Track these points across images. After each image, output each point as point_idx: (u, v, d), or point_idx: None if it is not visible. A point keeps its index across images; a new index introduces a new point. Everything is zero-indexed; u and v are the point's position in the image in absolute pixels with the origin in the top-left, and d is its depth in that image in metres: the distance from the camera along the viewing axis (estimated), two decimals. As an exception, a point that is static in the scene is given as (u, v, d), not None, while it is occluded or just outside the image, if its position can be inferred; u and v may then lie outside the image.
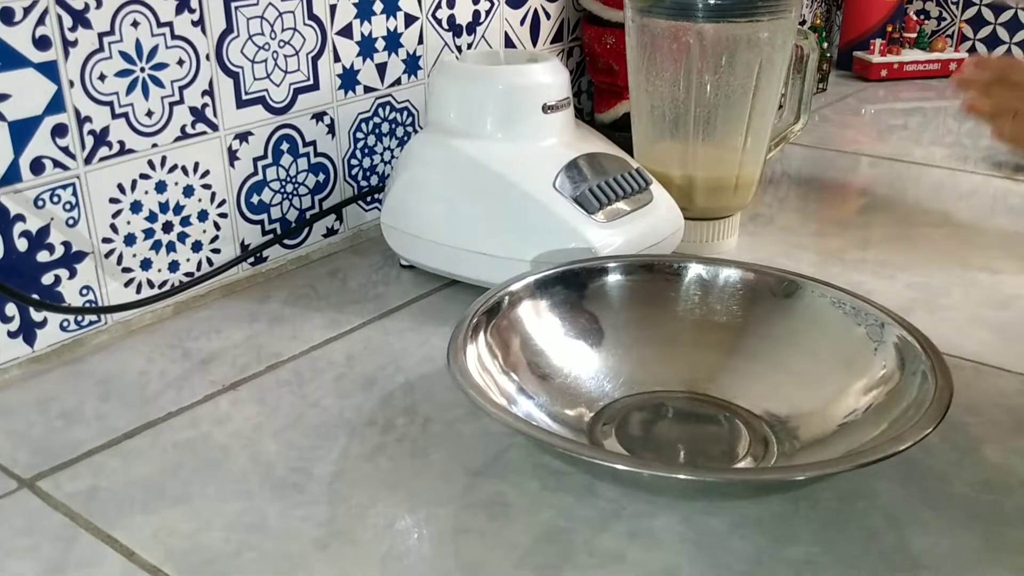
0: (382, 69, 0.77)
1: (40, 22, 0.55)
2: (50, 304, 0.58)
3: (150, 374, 0.58)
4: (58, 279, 0.59)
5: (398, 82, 0.78)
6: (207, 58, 0.64)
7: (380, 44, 0.76)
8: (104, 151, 0.60)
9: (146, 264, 0.64)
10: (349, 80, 0.74)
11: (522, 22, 0.89)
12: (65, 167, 0.58)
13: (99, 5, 0.57)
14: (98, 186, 0.60)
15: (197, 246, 0.67)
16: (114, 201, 0.61)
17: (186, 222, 0.65)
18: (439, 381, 0.57)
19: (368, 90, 0.76)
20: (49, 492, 0.47)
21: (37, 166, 0.56)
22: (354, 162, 0.77)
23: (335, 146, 0.75)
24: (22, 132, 0.55)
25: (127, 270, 0.63)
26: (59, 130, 0.57)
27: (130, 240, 0.62)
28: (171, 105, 0.62)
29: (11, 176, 0.55)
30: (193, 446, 0.51)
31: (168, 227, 0.64)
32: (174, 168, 0.64)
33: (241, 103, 0.67)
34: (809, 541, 0.44)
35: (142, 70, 0.60)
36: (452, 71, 0.68)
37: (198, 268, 0.67)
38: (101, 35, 0.58)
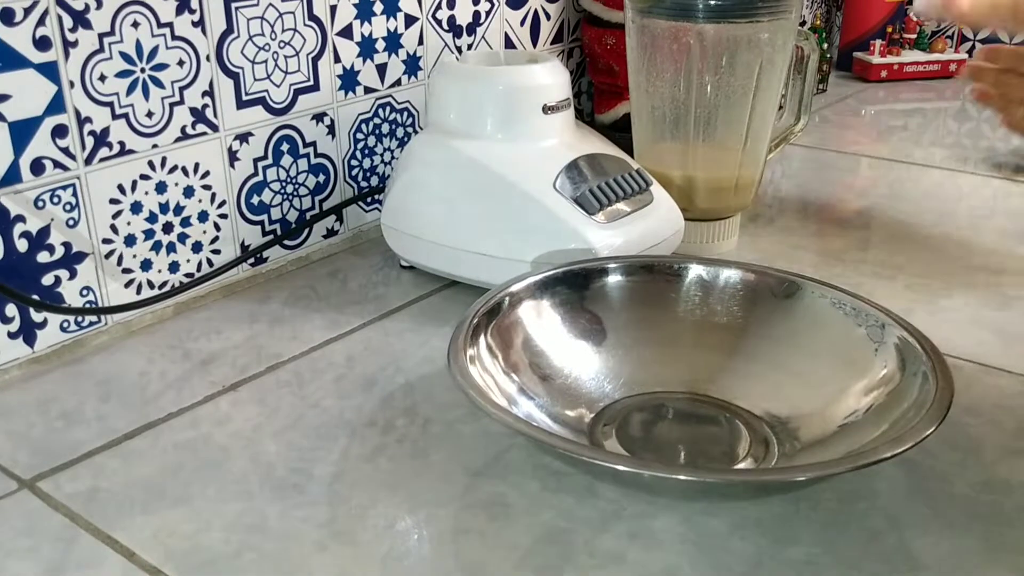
0: (382, 70, 0.77)
1: (40, 23, 0.55)
2: (50, 305, 0.58)
3: (150, 375, 0.58)
4: (58, 280, 0.59)
5: (398, 83, 0.78)
6: (207, 59, 0.64)
7: (380, 45, 0.76)
8: (104, 152, 0.60)
9: (146, 265, 0.64)
10: (349, 81, 0.74)
11: (522, 23, 0.89)
12: (65, 168, 0.58)
13: (99, 6, 0.57)
14: (98, 187, 0.60)
15: (197, 247, 0.67)
16: (114, 202, 0.61)
17: (186, 223, 0.65)
18: (439, 382, 0.57)
19: (368, 91, 0.76)
20: (49, 493, 0.47)
21: (37, 167, 0.56)
22: (354, 163, 0.77)
23: (335, 147, 0.75)
24: (22, 133, 0.55)
25: (127, 271, 0.63)
26: (59, 131, 0.57)
27: (130, 241, 0.62)
28: (171, 106, 0.62)
29: (11, 177, 0.55)
30: (193, 447, 0.51)
31: (168, 228, 0.64)
32: (174, 169, 0.64)
33: (241, 104, 0.67)
34: (810, 542, 0.44)
35: (142, 71, 0.60)
36: (452, 72, 0.68)
37: (198, 269, 0.67)
38: (101, 36, 0.58)
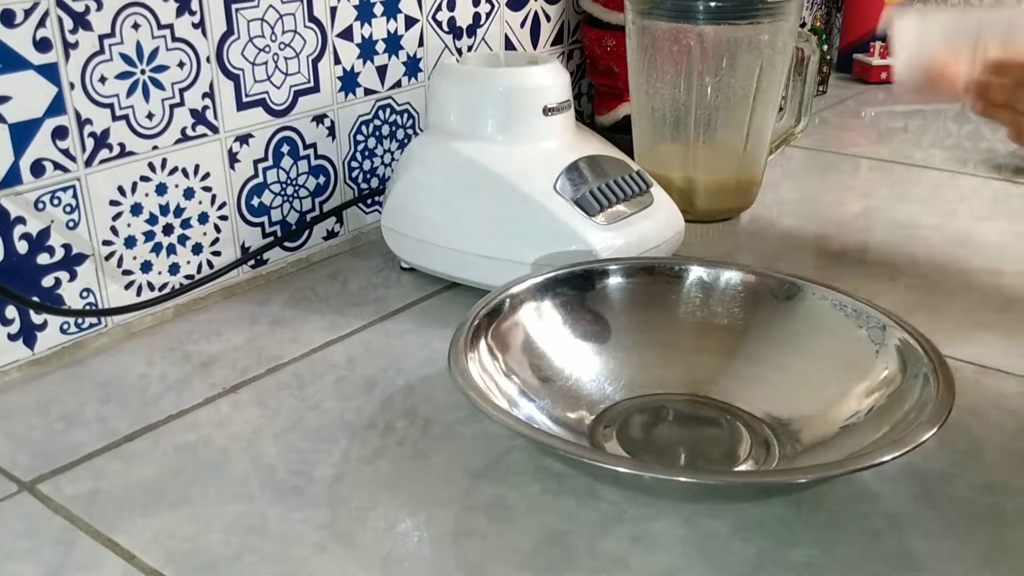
0: (382, 71, 0.77)
1: (41, 24, 0.55)
2: (50, 306, 0.58)
3: (150, 377, 0.58)
4: (58, 281, 0.59)
5: (398, 84, 0.78)
6: (207, 60, 0.64)
7: (380, 46, 0.76)
8: (104, 153, 0.59)
9: (146, 266, 0.64)
10: (349, 82, 0.74)
11: (522, 24, 0.89)
12: (65, 169, 0.58)
13: (100, 7, 0.57)
14: (98, 188, 0.60)
15: (197, 248, 0.67)
16: (114, 203, 0.61)
17: (186, 224, 0.65)
18: (440, 384, 0.57)
19: (368, 92, 0.76)
20: (49, 495, 0.47)
21: (37, 168, 0.56)
22: (354, 164, 0.77)
23: (335, 148, 0.75)
24: (22, 134, 0.55)
25: (127, 272, 0.63)
26: (59, 132, 0.57)
27: (130, 242, 0.62)
28: (171, 107, 0.62)
29: (11, 178, 0.55)
30: (193, 449, 0.51)
31: (168, 229, 0.64)
32: (174, 170, 0.64)
33: (241, 105, 0.67)
34: (811, 544, 0.44)
35: (143, 72, 0.60)
36: (452, 73, 0.68)
37: (198, 270, 0.67)
38: (102, 37, 0.58)
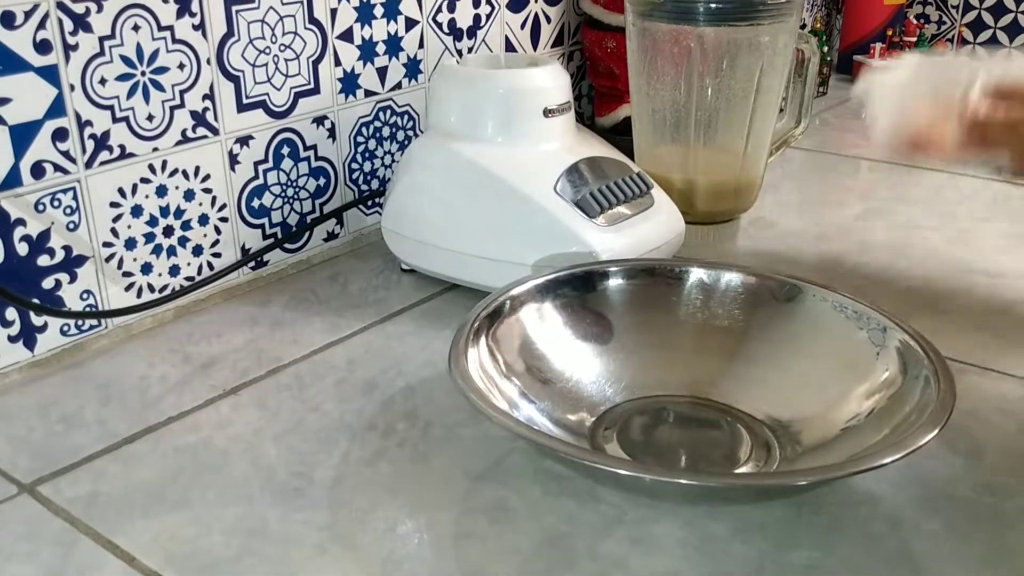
0: (383, 73, 0.77)
1: (41, 26, 0.55)
2: (50, 308, 0.58)
3: (151, 378, 0.58)
4: (58, 283, 0.59)
5: (399, 86, 0.78)
6: (208, 62, 0.64)
7: (381, 48, 0.76)
8: (105, 155, 0.59)
9: (147, 268, 0.64)
10: (350, 84, 0.74)
11: (522, 26, 0.89)
12: (66, 171, 0.58)
13: (100, 9, 0.57)
14: (99, 190, 0.60)
15: (198, 250, 0.67)
16: (115, 205, 0.61)
17: (187, 226, 0.65)
18: (440, 385, 0.57)
19: (369, 94, 0.76)
20: (49, 497, 0.47)
21: (38, 170, 0.56)
22: (355, 166, 0.77)
23: (336, 150, 0.75)
24: (23, 136, 0.55)
25: (128, 274, 0.63)
26: (60, 134, 0.57)
27: (131, 244, 0.62)
28: (172, 109, 0.62)
29: (12, 180, 0.55)
30: (194, 451, 0.51)
31: (169, 231, 0.64)
32: (175, 172, 0.64)
33: (242, 107, 0.67)
34: (811, 546, 0.44)
35: (143, 74, 0.60)
36: (453, 75, 0.68)
37: (199, 272, 0.67)
38: (102, 39, 0.58)
